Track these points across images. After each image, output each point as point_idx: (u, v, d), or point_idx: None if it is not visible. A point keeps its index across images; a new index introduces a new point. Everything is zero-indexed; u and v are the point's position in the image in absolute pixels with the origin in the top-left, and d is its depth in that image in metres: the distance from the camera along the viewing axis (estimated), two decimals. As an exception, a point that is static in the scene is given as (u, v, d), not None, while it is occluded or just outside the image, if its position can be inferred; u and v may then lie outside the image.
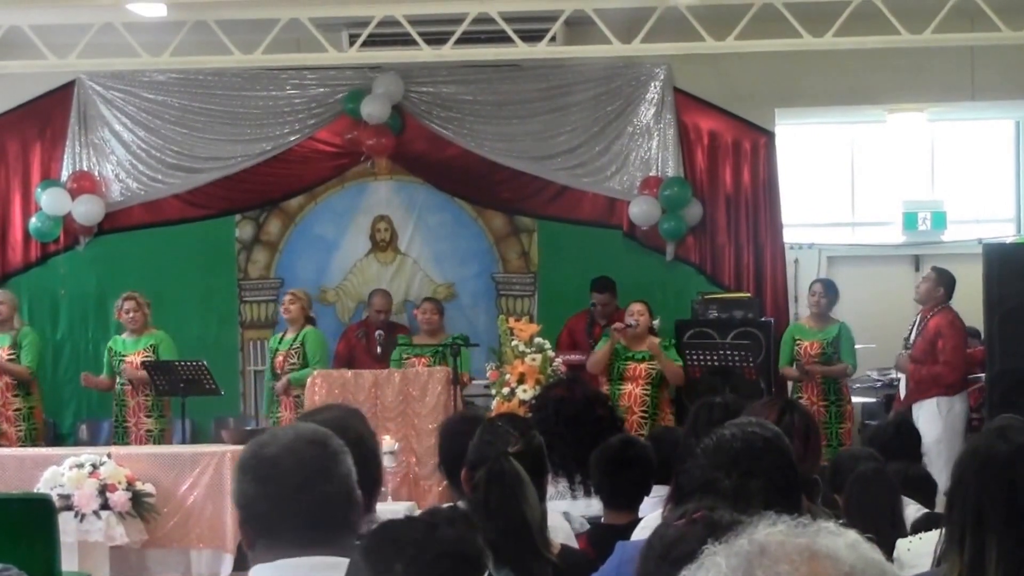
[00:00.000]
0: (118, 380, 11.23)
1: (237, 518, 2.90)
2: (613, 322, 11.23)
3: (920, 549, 4.11)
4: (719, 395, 5.69)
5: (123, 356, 11.21)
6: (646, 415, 10.57)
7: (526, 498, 3.99)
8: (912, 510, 5.64)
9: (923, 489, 6.17)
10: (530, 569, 3.95)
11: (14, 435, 11.22)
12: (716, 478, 3.24)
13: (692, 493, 3.25)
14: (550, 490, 4.88)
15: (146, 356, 11.15)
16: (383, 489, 8.66)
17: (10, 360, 11.29)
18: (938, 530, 3.34)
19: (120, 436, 11.15)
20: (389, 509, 7.19)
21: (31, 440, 11.25)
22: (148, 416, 11.13)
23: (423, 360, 11.15)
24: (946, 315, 10.85)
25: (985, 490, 2.92)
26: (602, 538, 4.90)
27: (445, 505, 4.54)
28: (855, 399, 11.76)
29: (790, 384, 11.36)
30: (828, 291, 11.35)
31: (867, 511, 5.20)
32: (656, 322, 10.86)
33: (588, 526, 5.60)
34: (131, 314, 11.21)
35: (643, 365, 10.70)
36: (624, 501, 5.40)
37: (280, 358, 11.27)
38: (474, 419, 5.38)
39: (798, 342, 11.20)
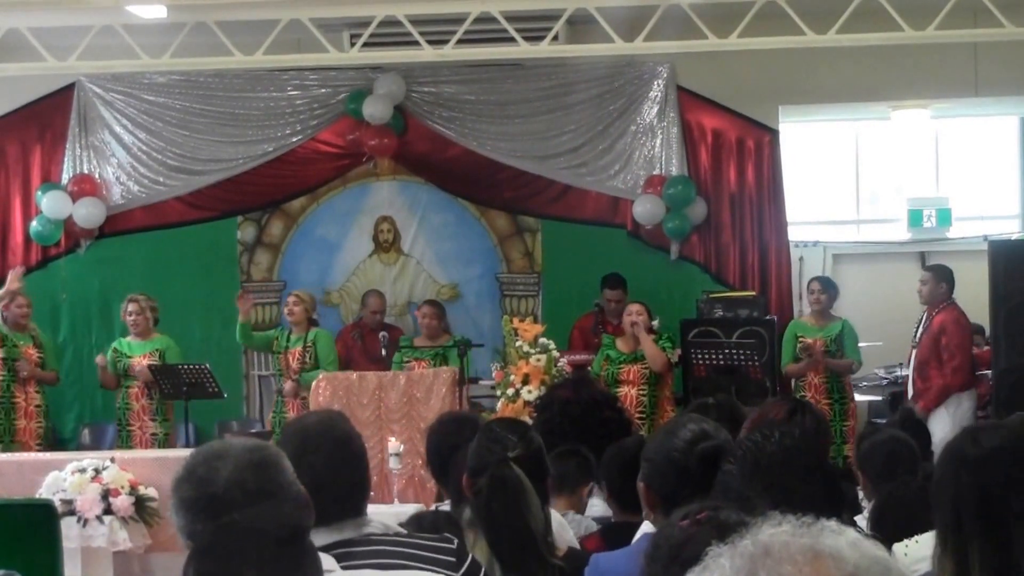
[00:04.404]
0: (123, 382, 11.18)
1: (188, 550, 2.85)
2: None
3: (917, 553, 4.06)
4: (712, 396, 5.64)
5: (129, 358, 11.16)
6: (643, 416, 10.56)
7: (528, 505, 3.96)
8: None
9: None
10: (534, 575, 3.91)
11: (33, 431, 11.13)
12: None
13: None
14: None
15: (152, 361, 11.11)
16: (393, 490, 8.68)
17: (40, 359, 11.27)
18: (933, 532, 3.29)
19: (124, 440, 11.11)
20: (395, 511, 7.13)
21: (44, 437, 11.22)
22: (152, 420, 11.10)
23: (423, 363, 11.03)
24: (951, 312, 10.81)
25: (959, 495, 2.82)
26: (617, 535, 4.87)
27: (433, 508, 4.50)
28: (861, 397, 11.73)
29: (793, 382, 11.28)
30: (827, 288, 11.30)
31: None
32: (655, 323, 10.82)
33: (595, 527, 5.55)
34: (133, 317, 11.18)
35: (636, 367, 10.68)
36: (639, 504, 5.34)
37: (289, 358, 11.20)
38: (462, 420, 5.34)
39: (801, 339, 11.10)
